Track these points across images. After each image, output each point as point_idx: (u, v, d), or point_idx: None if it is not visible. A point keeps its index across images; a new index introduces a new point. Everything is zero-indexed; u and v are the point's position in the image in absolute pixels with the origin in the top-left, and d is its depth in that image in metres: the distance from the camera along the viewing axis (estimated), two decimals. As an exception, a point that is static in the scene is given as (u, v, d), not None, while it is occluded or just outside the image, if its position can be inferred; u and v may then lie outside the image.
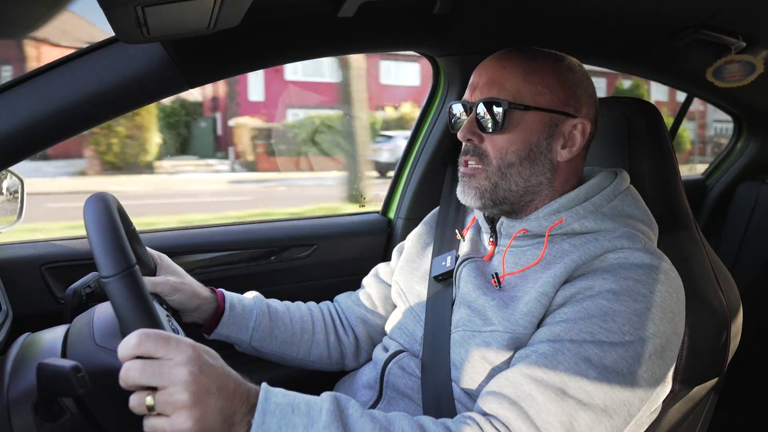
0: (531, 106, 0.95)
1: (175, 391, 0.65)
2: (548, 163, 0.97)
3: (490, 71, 0.98)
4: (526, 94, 0.95)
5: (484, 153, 0.97)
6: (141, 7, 0.77)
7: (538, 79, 0.96)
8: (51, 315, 1.10)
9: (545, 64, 0.98)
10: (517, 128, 0.95)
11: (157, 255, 1.12)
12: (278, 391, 0.74)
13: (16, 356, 0.85)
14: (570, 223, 0.95)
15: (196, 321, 1.13)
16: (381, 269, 1.30)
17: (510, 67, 0.97)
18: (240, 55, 1.16)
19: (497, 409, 0.79)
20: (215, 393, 0.67)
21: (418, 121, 1.66)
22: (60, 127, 1.04)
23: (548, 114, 0.96)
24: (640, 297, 0.84)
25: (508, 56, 0.99)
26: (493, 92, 0.96)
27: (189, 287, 1.09)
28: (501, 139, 0.96)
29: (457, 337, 0.96)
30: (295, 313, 1.21)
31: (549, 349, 0.81)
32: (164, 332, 0.69)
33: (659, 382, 0.85)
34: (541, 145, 0.96)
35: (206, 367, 0.68)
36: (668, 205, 1.13)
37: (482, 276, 1.00)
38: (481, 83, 0.98)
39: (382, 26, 1.27)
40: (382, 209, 1.75)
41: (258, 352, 1.17)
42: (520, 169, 0.96)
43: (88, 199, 0.83)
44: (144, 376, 0.65)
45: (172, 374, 0.65)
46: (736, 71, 1.58)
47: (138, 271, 0.77)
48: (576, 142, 0.97)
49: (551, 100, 0.96)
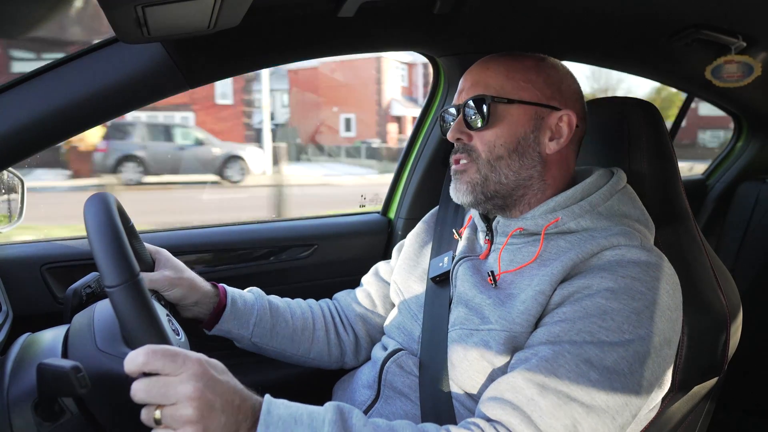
0: (514, 99, 0.97)
1: (181, 407, 0.67)
2: (537, 155, 0.99)
3: (474, 74, 1.03)
4: (509, 89, 0.98)
5: (472, 149, 1.00)
6: (141, 7, 0.77)
7: (520, 76, 0.99)
8: (51, 315, 1.10)
9: (527, 62, 1.01)
10: (503, 122, 0.98)
11: (155, 250, 1.12)
12: (281, 403, 0.75)
13: (16, 356, 0.85)
14: (566, 222, 0.95)
15: (197, 316, 1.13)
16: (381, 267, 1.30)
17: (493, 67, 1.01)
18: (240, 55, 1.16)
19: (501, 415, 0.79)
20: (220, 409, 0.68)
21: (418, 121, 1.67)
22: (60, 127, 1.04)
23: (532, 107, 0.98)
24: (638, 295, 0.85)
25: (491, 59, 1.03)
26: (478, 91, 0.99)
27: (187, 282, 1.09)
28: (488, 133, 0.98)
29: (454, 336, 0.96)
30: (296, 310, 1.21)
31: (549, 353, 0.81)
32: (171, 348, 0.70)
33: (659, 379, 0.85)
34: (528, 138, 0.98)
35: (212, 383, 0.69)
36: (668, 205, 1.13)
37: (478, 274, 1.00)
38: (466, 86, 1.02)
39: (382, 26, 1.28)
40: (383, 209, 1.75)
41: (258, 349, 1.18)
42: (509, 162, 0.98)
43: (88, 199, 0.83)
44: (151, 395, 0.67)
45: (178, 391, 0.67)
46: (734, 72, 1.58)
47: (142, 280, 0.77)
48: (563, 134, 0.99)
49: (534, 94, 0.98)
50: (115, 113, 1.09)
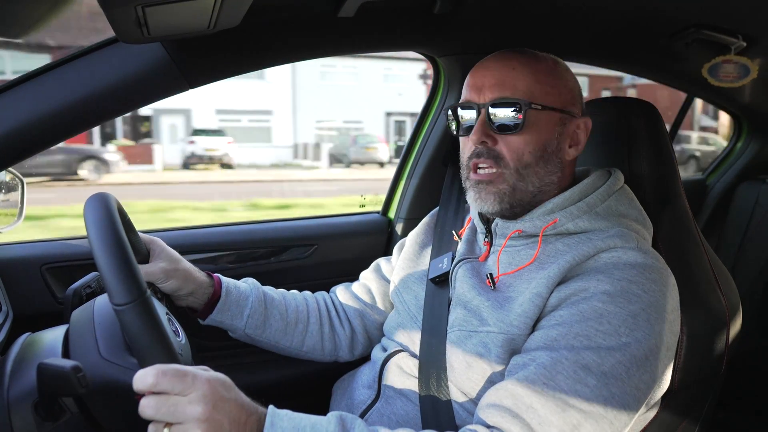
0: (546, 105, 0.95)
1: (189, 428, 0.68)
2: (559, 162, 0.98)
3: (498, 72, 0.97)
4: (537, 94, 0.95)
5: (499, 155, 0.96)
6: (141, 7, 0.77)
7: (546, 80, 0.96)
8: (51, 315, 1.10)
9: (548, 65, 0.99)
10: (533, 128, 0.95)
11: (149, 239, 1.10)
12: (284, 415, 0.76)
13: (16, 356, 0.85)
14: (564, 223, 0.95)
15: (192, 305, 1.13)
16: (382, 264, 1.30)
17: (519, 68, 0.96)
18: (240, 55, 1.16)
19: (500, 422, 0.79)
20: (227, 428, 0.70)
21: (418, 121, 1.66)
22: (60, 127, 1.04)
23: (558, 114, 0.96)
24: (634, 298, 0.84)
25: (513, 57, 0.98)
26: (506, 93, 0.95)
27: (182, 272, 1.09)
28: (517, 140, 0.95)
29: (453, 338, 0.96)
30: (290, 302, 1.21)
31: (548, 359, 0.81)
32: (181, 368, 0.70)
33: (657, 381, 0.85)
34: (552, 145, 0.97)
35: (220, 403, 0.70)
36: (668, 206, 1.13)
37: (477, 276, 1.00)
38: (488, 84, 0.96)
39: (382, 26, 1.27)
40: (383, 209, 1.75)
41: (252, 340, 1.18)
42: (536, 170, 0.96)
43: (88, 200, 0.83)
44: (159, 414, 0.68)
45: (186, 412, 0.68)
46: (730, 72, 1.58)
47: (151, 298, 0.78)
48: (580, 141, 0.99)
49: (558, 99, 0.97)
50: (115, 113, 1.09)
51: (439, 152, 1.61)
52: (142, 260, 1.07)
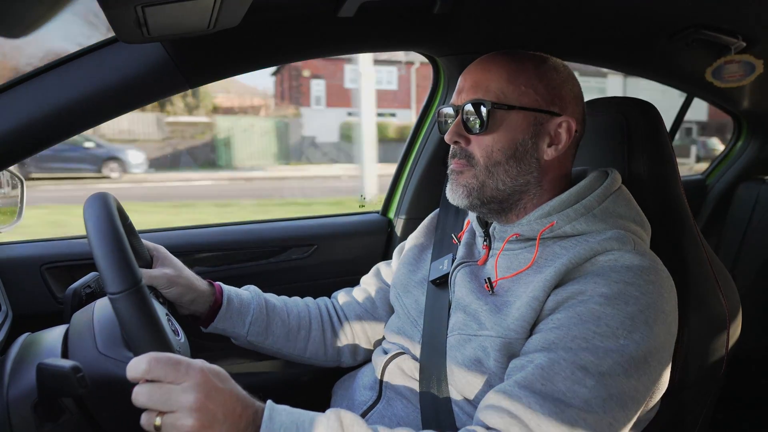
0: (515, 105, 0.95)
1: (181, 416, 0.67)
2: (535, 161, 0.97)
3: (475, 75, 1.00)
4: (510, 94, 0.96)
5: (471, 155, 0.98)
6: (141, 7, 0.77)
7: (521, 80, 0.97)
8: (51, 315, 1.10)
9: (529, 65, 0.98)
10: (502, 128, 0.96)
11: (153, 247, 1.12)
12: (283, 410, 0.75)
13: (16, 356, 0.85)
14: (561, 226, 0.95)
15: (194, 313, 1.13)
16: (382, 269, 1.30)
17: (494, 70, 0.98)
18: (240, 55, 1.16)
19: (499, 423, 0.79)
20: (221, 419, 0.69)
21: (418, 121, 1.66)
22: (60, 127, 1.04)
23: (532, 113, 0.96)
24: (631, 300, 0.84)
25: (492, 59, 1.00)
26: (478, 94, 0.97)
27: (185, 280, 1.10)
28: (486, 139, 0.96)
29: (452, 341, 0.96)
30: (292, 308, 1.22)
31: (545, 361, 0.81)
32: (174, 356, 0.70)
33: (655, 382, 0.85)
34: (526, 144, 0.96)
35: (214, 393, 0.69)
36: (667, 206, 1.12)
37: (476, 280, 1.00)
38: (466, 86, 0.99)
39: (382, 26, 1.27)
40: (382, 209, 1.75)
41: (254, 347, 1.18)
42: (506, 168, 0.96)
43: (87, 200, 0.83)
44: (152, 401, 0.68)
45: (179, 400, 0.67)
46: (735, 71, 1.58)
47: (145, 287, 0.78)
48: (562, 141, 0.98)
49: (535, 99, 0.96)
50: (115, 113, 1.09)
51: (439, 152, 1.61)
52: (145, 265, 1.08)
